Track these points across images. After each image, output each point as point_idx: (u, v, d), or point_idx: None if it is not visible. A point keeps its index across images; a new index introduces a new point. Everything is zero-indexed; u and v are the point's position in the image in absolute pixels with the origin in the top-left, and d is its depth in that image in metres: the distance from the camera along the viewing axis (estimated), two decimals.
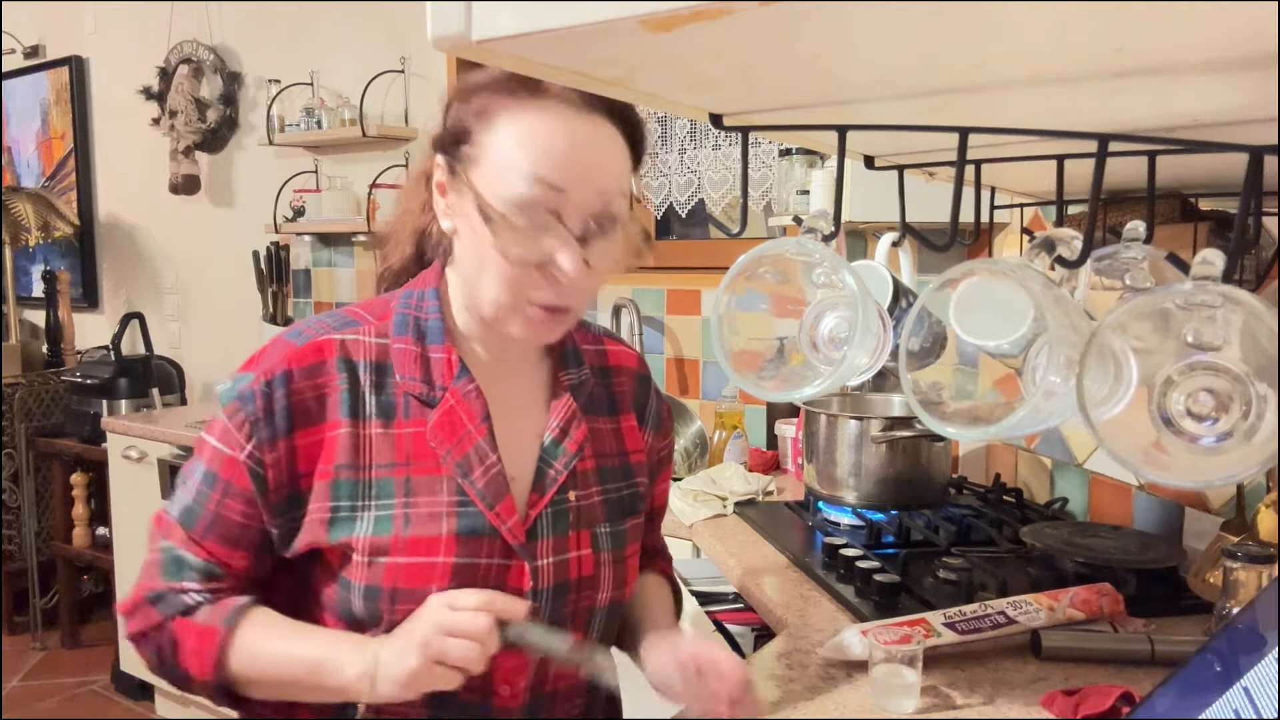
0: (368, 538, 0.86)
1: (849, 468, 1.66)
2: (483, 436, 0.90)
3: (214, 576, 0.89)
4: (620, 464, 0.99)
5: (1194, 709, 0.67)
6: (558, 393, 0.97)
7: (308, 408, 0.87)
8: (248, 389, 0.88)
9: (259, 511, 0.88)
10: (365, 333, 0.91)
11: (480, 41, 0.42)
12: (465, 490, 0.88)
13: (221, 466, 0.88)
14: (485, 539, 0.87)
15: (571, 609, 0.92)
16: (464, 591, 0.82)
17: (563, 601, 0.91)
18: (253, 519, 0.88)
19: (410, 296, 0.93)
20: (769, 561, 1.50)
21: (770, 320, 0.81)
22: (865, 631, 1.06)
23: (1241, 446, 0.55)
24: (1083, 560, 1.29)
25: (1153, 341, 0.58)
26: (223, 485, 0.88)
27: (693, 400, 2.42)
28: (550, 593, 0.90)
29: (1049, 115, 0.63)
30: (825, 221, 0.73)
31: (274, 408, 0.87)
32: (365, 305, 0.95)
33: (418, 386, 0.89)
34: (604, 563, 0.94)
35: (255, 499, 0.87)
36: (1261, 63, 0.46)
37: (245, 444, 0.87)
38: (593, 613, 0.94)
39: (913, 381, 0.69)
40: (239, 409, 0.87)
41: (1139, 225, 0.72)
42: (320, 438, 0.87)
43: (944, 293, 0.71)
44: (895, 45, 0.47)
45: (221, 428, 0.89)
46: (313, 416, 0.87)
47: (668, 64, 0.49)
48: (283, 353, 0.89)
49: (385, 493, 0.87)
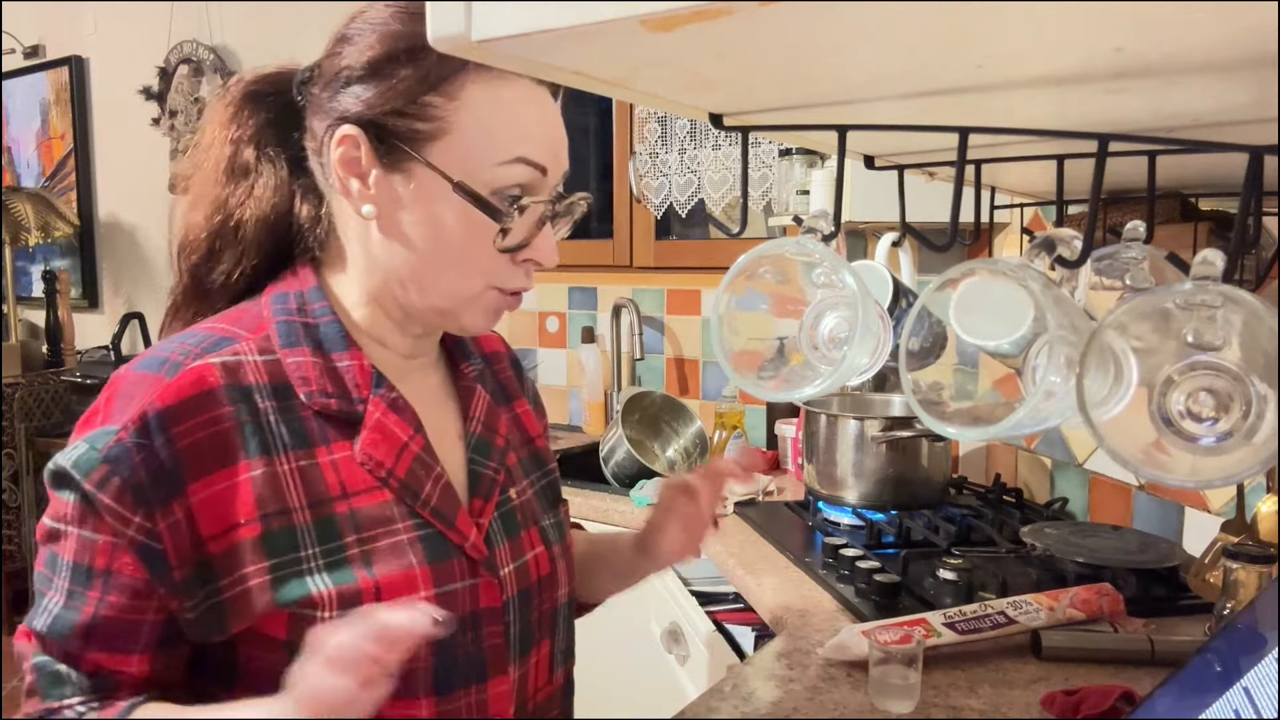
0: (332, 590, 0.71)
1: (849, 468, 1.66)
2: (421, 448, 0.78)
3: (105, 690, 0.71)
4: (530, 452, 0.92)
5: (1194, 709, 0.67)
6: (465, 386, 0.87)
7: (200, 453, 0.70)
8: (114, 446, 0.69)
9: (155, 601, 0.70)
10: (246, 350, 0.75)
11: (480, 41, 0.42)
12: (418, 512, 0.76)
13: (93, 556, 0.70)
14: (454, 561, 0.77)
15: (537, 614, 0.84)
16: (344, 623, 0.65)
17: (529, 608, 0.83)
18: (147, 611, 0.71)
19: (285, 300, 0.78)
20: (769, 561, 1.50)
21: (770, 320, 0.81)
22: (865, 631, 1.06)
23: (1242, 447, 0.55)
24: (1083, 560, 1.29)
25: (1153, 341, 0.58)
26: (100, 580, 0.70)
27: (693, 400, 2.42)
28: (516, 601, 0.81)
29: (1049, 115, 0.63)
30: (825, 221, 0.72)
31: (156, 461, 0.69)
32: (227, 318, 0.79)
33: (333, 404, 0.75)
34: (556, 556, 0.87)
35: (149, 585, 0.70)
36: (1261, 63, 0.46)
37: (129, 517, 0.69)
38: (556, 613, 0.87)
39: (913, 381, 0.69)
40: (108, 475, 0.68)
41: (1139, 225, 0.72)
42: (225, 486, 0.71)
43: (944, 293, 0.71)
44: (895, 45, 0.46)
45: (80, 508, 0.70)
46: (208, 463, 0.70)
47: (668, 64, 0.49)
48: (150, 392, 0.71)
49: (331, 534, 0.73)
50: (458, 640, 0.75)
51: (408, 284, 0.77)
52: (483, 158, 0.74)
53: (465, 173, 0.74)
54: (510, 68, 0.48)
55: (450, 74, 0.74)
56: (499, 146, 0.74)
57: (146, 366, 0.74)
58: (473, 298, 0.78)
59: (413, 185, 0.74)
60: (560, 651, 0.89)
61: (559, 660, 0.89)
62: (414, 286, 0.77)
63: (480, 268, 0.76)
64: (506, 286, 0.78)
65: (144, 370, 0.73)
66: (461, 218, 0.74)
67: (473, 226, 0.75)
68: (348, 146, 0.75)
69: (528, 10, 0.41)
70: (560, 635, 0.89)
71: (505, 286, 0.78)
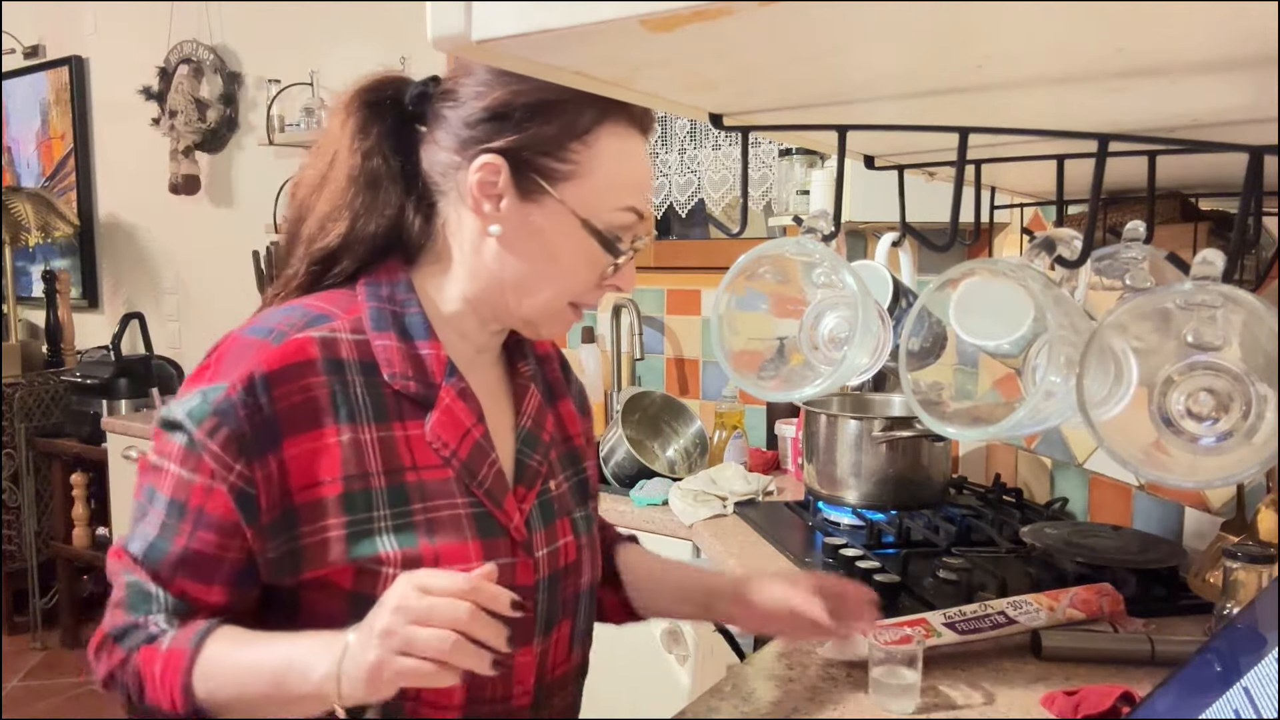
0: (398, 551, 0.80)
1: (849, 468, 1.66)
2: (481, 435, 0.87)
3: (185, 612, 0.80)
4: (569, 449, 1.00)
5: (1194, 709, 0.67)
6: (520, 384, 0.96)
7: (296, 414, 0.79)
8: (223, 400, 0.78)
9: (241, 540, 0.79)
10: (341, 328, 0.83)
11: (480, 41, 0.42)
12: (474, 491, 0.85)
13: (191, 495, 0.79)
14: (499, 540, 0.85)
15: (563, 596, 0.92)
16: (435, 573, 0.72)
17: (556, 590, 0.91)
18: (231, 549, 0.79)
19: (378, 289, 0.87)
20: (769, 561, 1.50)
21: (770, 320, 0.81)
22: (865, 632, 1.06)
23: (1242, 446, 0.55)
24: (1083, 560, 1.29)
25: (1153, 341, 0.58)
26: (193, 516, 0.79)
27: (693, 400, 2.42)
28: (546, 583, 0.89)
29: (1049, 115, 0.63)
30: (825, 221, 0.73)
31: (260, 417, 0.78)
32: (325, 298, 0.87)
33: (412, 385, 0.84)
34: (583, 546, 0.95)
35: (239, 527, 0.79)
36: (1261, 63, 0.46)
37: (231, 465, 0.77)
38: (578, 598, 0.95)
39: (913, 381, 0.69)
40: (217, 425, 0.78)
41: (1139, 225, 0.72)
42: (315, 445, 0.79)
43: (944, 293, 0.71)
44: (895, 45, 0.46)
45: (184, 451, 0.79)
46: (303, 424, 0.79)
47: (668, 64, 0.49)
48: (258, 356, 0.79)
49: (401, 500, 0.81)
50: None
51: (510, 292, 0.87)
52: (606, 201, 0.85)
53: (590, 211, 0.84)
54: (511, 67, 0.48)
55: (592, 124, 0.83)
56: (620, 193, 0.85)
57: (255, 333, 0.82)
58: (558, 311, 0.88)
59: (541, 214, 0.84)
60: (580, 633, 0.97)
61: (578, 640, 0.96)
62: (515, 295, 0.87)
63: (574, 288, 0.87)
64: (583, 303, 0.89)
65: (253, 336, 0.82)
66: (578, 248, 0.85)
67: (586, 256, 0.85)
68: (487, 173, 0.83)
69: (528, 10, 0.41)
70: (581, 618, 0.96)
71: (582, 303, 0.89)
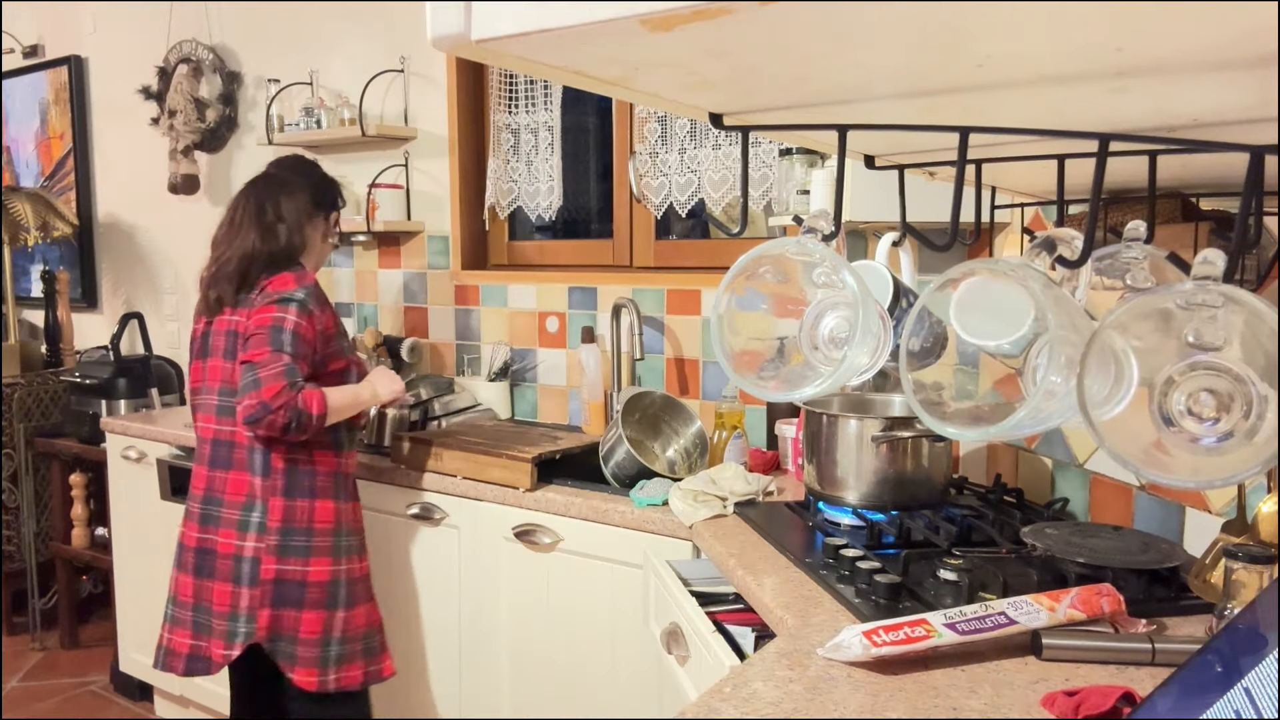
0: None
1: (849, 468, 1.66)
2: None
3: (312, 379, 1.90)
4: None
5: (1195, 709, 0.67)
6: None
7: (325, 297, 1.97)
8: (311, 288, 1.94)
9: (314, 349, 1.91)
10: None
11: (480, 41, 0.42)
12: None
13: (305, 329, 1.89)
14: None
15: None
16: None
17: None
18: (315, 352, 1.91)
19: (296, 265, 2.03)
20: (769, 562, 1.50)
21: (770, 320, 0.81)
22: (866, 632, 1.06)
23: (1242, 447, 0.55)
24: (1083, 560, 1.29)
25: (1153, 341, 0.58)
26: (305, 339, 1.88)
27: (693, 400, 2.42)
28: None
29: (1049, 115, 0.63)
30: (825, 221, 0.72)
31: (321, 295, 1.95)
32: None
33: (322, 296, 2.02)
34: None
35: (314, 343, 1.90)
36: (1261, 63, 0.46)
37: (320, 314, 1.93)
38: None
39: (913, 381, 0.69)
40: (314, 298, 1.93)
41: (1140, 225, 0.72)
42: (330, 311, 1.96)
43: (944, 293, 0.71)
44: (895, 45, 0.46)
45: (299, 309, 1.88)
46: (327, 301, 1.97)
47: (668, 64, 0.49)
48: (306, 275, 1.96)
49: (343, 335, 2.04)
50: None
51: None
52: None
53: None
54: (511, 67, 0.48)
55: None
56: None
57: (292, 269, 1.96)
58: None
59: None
60: None
61: None
62: None
63: None
64: None
65: (291, 272, 1.94)
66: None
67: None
68: None
69: (528, 10, 0.41)
70: None
71: None
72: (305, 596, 1.91)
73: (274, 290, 1.90)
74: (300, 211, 2.01)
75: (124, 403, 3.14)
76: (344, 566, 1.96)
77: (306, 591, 1.91)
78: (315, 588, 1.92)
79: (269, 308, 1.88)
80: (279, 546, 1.90)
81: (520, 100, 2.76)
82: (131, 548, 2.87)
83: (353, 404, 1.96)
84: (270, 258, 1.95)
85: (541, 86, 2.75)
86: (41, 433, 3.36)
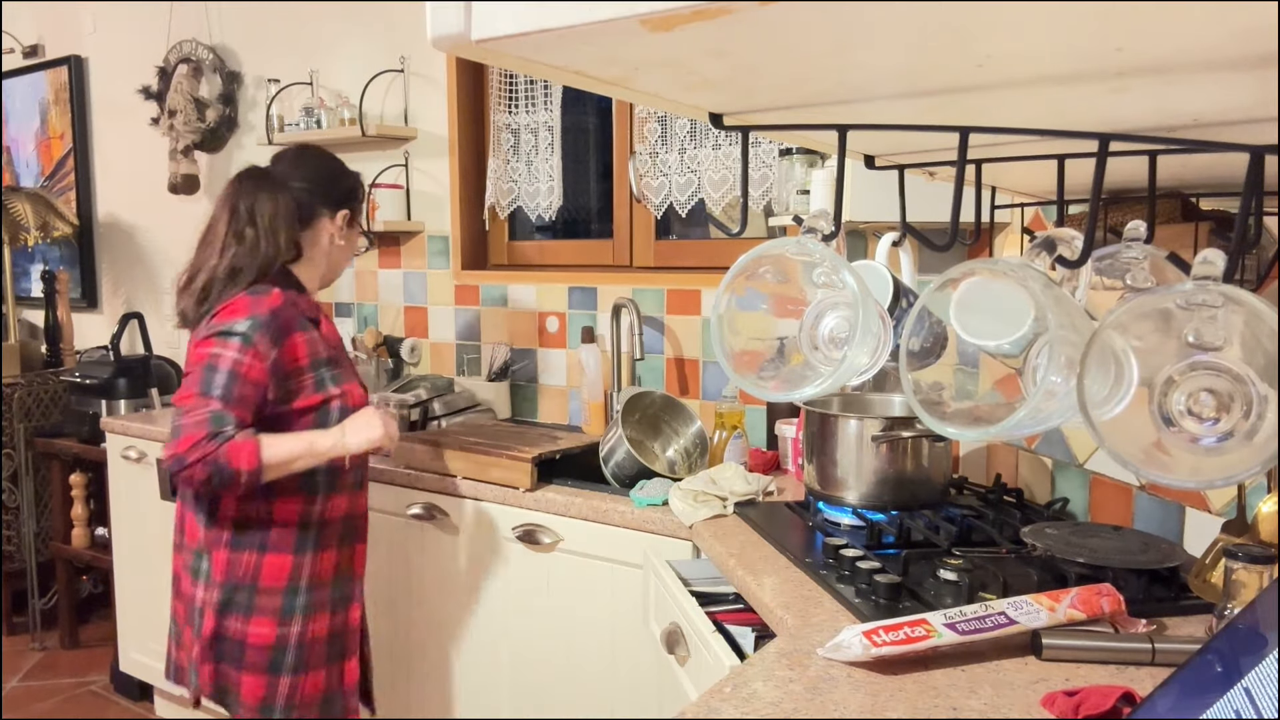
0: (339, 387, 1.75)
1: (849, 468, 1.66)
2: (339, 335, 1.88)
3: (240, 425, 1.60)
4: None
5: (1195, 709, 0.67)
6: None
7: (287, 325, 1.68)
8: (263, 317, 1.64)
9: (265, 389, 1.64)
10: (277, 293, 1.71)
11: (480, 41, 0.42)
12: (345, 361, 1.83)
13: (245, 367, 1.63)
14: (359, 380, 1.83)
15: None
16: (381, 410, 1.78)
17: None
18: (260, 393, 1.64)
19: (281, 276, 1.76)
20: (769, 562, 1.50)
21: (770, 320, 0.81)
22: (866, 632, 1.06)
23: (1242, 446, 0.55)
24: (1084, 560, 1.29)
25: (1153, 341, 0.58)
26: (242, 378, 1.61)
27: (693, 400, 2.42)
28: None
29: (1049, 115, 0.63)
30: (825, 221, 0.72)
31: (278, 325, 1.66)
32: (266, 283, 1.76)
33: (311, 314, 1.76)
34: None
35: (267, 381, 1.64)
36: (1261, 62, 0.46)
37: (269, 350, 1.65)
38: None
39: (913, 381, 0.69)
40: (263, 330, 1.64)
41: (1140, 225, 0.72)
42: (294, 340, 1.69)
43: (944, 293, 0.71)
44: (895, 45, 0.46)
45: (239, 345, 1.62)
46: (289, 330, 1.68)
47: (668, 64, 0.49)
48: (267, 299, 1.67)
49: (330, 364, 1.75)
50: None
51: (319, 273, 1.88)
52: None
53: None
54: (511, 67, 0.48)
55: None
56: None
57: (253, 293, 1.67)
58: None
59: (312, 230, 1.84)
60: None
61: None
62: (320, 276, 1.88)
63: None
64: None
65: (253, 295, 1.67)
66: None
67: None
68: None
69: (528, 10, 0.41)
70: None
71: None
72: (245, 658, 1.69)
73: (219, 320, 1.64)
74: (286, 214, 1.73)
75: (124, 403, 3.14)
76: (294, 629, 1.70)
77: (246, 653, 1.69)
78: (255, 650, 1.68)
79: (207, 341, 1.63)
80: (221, 602, 1.69)
81: (520, 100, 2.76)
82: (131, 548, 2.87)
83: (304, 455, 1.64)
84: (231, 273, 1.67)
85: (541, 86, 2.75)
86: (41, 433, 3.36)
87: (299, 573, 1.72)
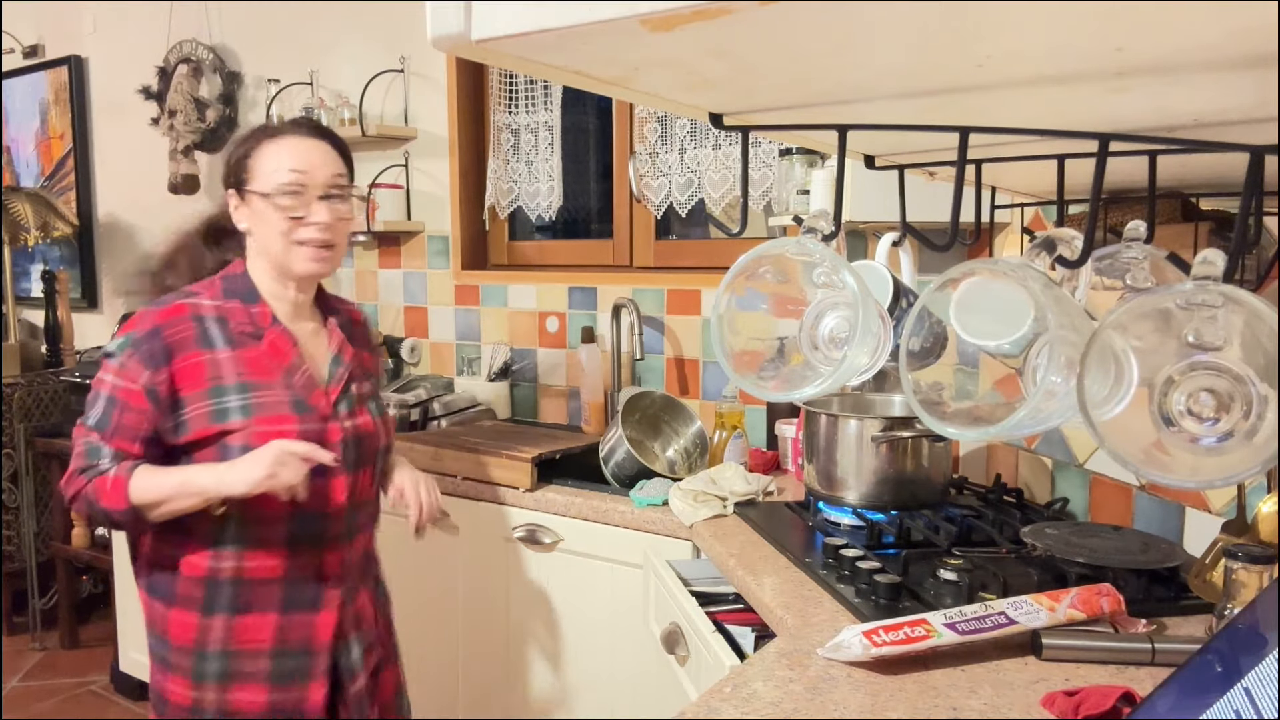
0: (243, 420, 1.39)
1: (849, 468, 1.66)
2: (295, 356, 1.46)
3: (119, 458, 1.37)
4: (367, 375, 1.60)
5: (1195, 709, 0.67)
6: (331, 331, 1.55)
7: (177, 345, 1.39)
8: (139, 337, 1.38)
9: (150, 417, 1.37)
10: (202, 299, 1.45)
11: (480, 41, 0.42)
12: (291, 386, 1.44)
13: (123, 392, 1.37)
14: (309, 414, 1.44)
15: (363, 450, 1.51)
16: (295, 442, 1.35)
17: (360, 445, 1.50)
18: (144, 422, 1.37)
19: (231, 279, 1.48)
20: (769, 562, 1.50)
21: (770, 320, 0.81)
22: (866, 632, 1.06)
23: (1242, 447, 0.55)
24: (1084, 560, 1.29)
25: (1153, 341, 0.58)
26: (121, 404, 1.37)
27: (693, 400, 2.42)
28: (352, 440, 1.48)
29: (1049, 115, 0.63)
30: (825, 221, 0.72)
31: (159, 345, 1.38)
32: (201, 285, 1.48)
33: (246, 328, 1.44)
34: (377, 421, 1.55)
35: (150, 410, 1.37)
36: (1261, 62, 0.46)
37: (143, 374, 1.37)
38: (376, 452, 1.55)
39: (913, 381, 0.69)
40: (134, 352, 1.38)
41: (1140, 225, 0.72)
42: (188, 363, 1.39)
43: (944, 293, 0.71)
44: (895, 45, 0.46)
45: (117, 368, 1.38)
46: (181, 350, 1.39)
47: (668, 64, 0.49)
48: (154, 313, 1.41)
49: (241, 390, 1.40)
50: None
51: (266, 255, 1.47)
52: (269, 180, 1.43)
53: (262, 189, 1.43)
54: (511, 67, 0.48)
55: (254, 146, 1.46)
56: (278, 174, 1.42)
57: (153, 305, 1.43)
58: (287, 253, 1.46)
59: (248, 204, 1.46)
60: (379, 474, 1.59)
61: (376, 479, 1.58)
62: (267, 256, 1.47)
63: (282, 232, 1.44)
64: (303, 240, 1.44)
65: (152, 306, 1.42)
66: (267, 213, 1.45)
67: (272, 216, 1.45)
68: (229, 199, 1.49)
69: (528, 10, 0.41)
70: (378, 465, 1.57)
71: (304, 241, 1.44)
72: (165, 714, 1.46)
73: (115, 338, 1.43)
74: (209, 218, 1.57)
75: None
76: (210, 696, 1.41)
77: (166, 710, 1.46)
78: (174, 708, 1.44)
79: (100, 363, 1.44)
80: (149, 648, 1.49)
81: (520, 100, 2.76)
82: None
83: (178, 494, 1.33)
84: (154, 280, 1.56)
85: (541, 86, 2.75)
86: (41, 433, 3.36)
87: (208, 636, 1.41)
